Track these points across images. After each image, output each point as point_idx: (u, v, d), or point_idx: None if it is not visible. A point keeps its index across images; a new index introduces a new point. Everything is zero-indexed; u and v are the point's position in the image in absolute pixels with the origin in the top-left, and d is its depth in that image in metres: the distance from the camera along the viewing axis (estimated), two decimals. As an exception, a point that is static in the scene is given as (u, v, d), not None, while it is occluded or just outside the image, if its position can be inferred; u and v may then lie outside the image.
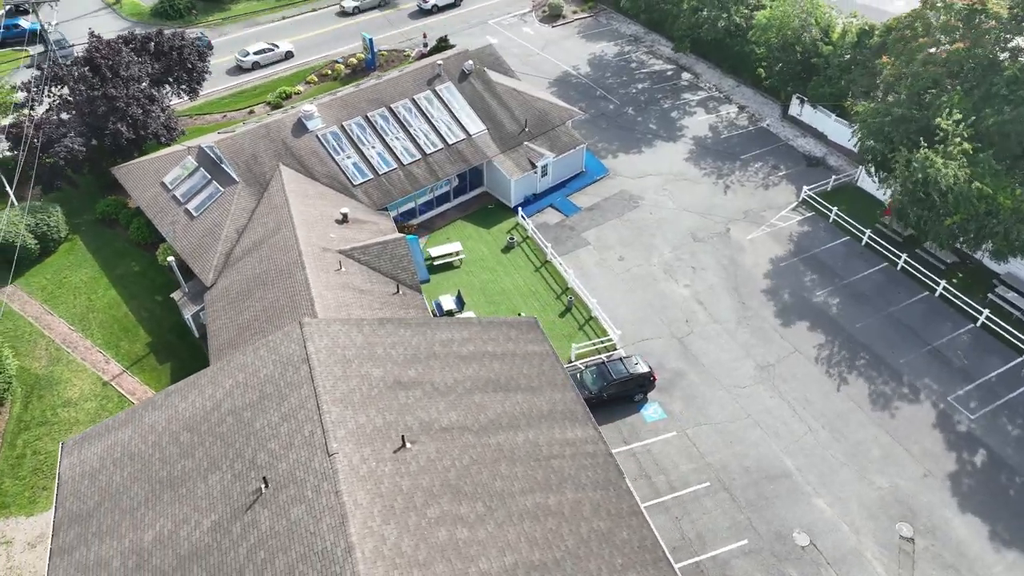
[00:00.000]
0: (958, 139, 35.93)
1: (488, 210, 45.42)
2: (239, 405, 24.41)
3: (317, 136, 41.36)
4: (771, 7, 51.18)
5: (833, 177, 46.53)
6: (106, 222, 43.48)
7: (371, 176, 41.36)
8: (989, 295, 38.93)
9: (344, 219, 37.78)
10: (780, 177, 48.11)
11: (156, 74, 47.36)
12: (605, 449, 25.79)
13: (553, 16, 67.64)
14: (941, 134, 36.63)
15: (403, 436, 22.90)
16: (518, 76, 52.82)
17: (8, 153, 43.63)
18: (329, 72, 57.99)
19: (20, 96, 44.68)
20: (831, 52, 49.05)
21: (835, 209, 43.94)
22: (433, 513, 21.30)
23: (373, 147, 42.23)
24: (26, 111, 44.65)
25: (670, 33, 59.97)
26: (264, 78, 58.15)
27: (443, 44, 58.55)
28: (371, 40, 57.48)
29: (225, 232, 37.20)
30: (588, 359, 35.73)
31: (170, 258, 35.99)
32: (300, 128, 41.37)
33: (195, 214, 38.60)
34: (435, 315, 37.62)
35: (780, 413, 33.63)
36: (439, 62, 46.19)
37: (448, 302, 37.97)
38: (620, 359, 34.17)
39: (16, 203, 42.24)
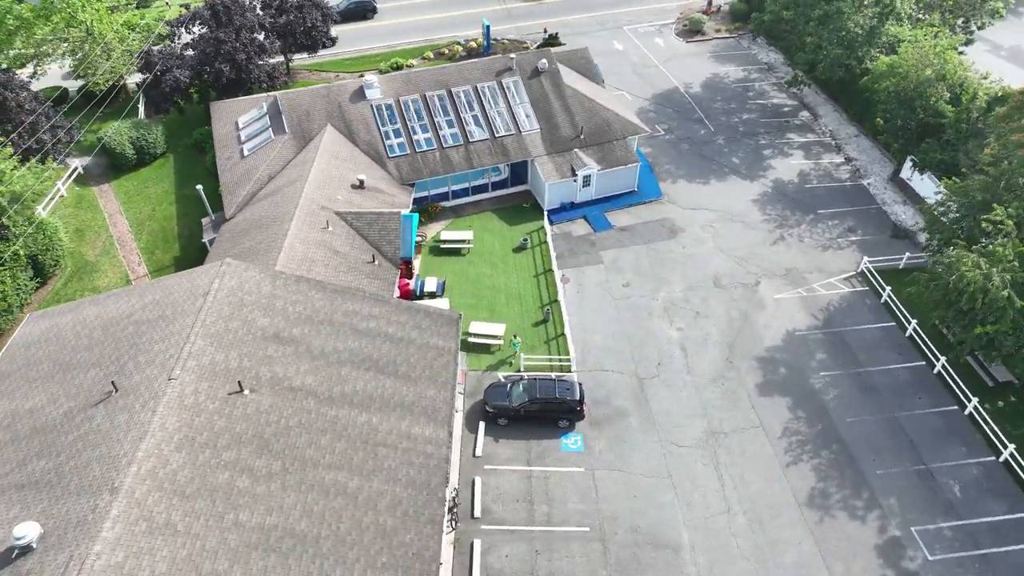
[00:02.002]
0: (1011, 236, 30.22)
1: (522, 209, 45.41)
2: (143, 318, 27.38)
3: (371, 105, 43.82)
4: (900, 52, 45.37)
5: (907, 254, 40.75)
6: (197, 148, 49.39)
7: (407, 152, 43.11)
8: (1034, 430, 32.43)
9: (360, 185, 39.91)
10: (851, 242, 42.98)
11: (278, 27, 52.57)
12: (444, 455, 25.52)
13: (692, 31, 64.87)
14: (991, 227, 30.96)
15: (240, 382, 24.46)
16: (603, 83, 51.76)
17: (140, 76, 51.01)
18: (446, 52, 60.50)
19: (166, 29, 51.90)
20: (954, 115, 42.62)
21: (889, 289, 38.60)
22: (228, 457, 22.69)
23: (420, 125, 43.89)
24: (167, 43, 51.81)
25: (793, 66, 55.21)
26: (388, 47, 62.01)
27: (552, 41, 58.65)
28: (488, 27, 59.04)
29: (258, 175, 40.94)
30: (533, 372, 34.94)
31: (198, 186, 40.38)
32: (359, 95, 44.07)
33: (245, 153, 42.82)
34: (416, 293, 38.75)
35: (705, 484, 30.79)
36: (512, 56, 46.65)
37: (431, 284, 38.91)
38: (555, 381, 33.12)
39: (128, 118, 49.35)
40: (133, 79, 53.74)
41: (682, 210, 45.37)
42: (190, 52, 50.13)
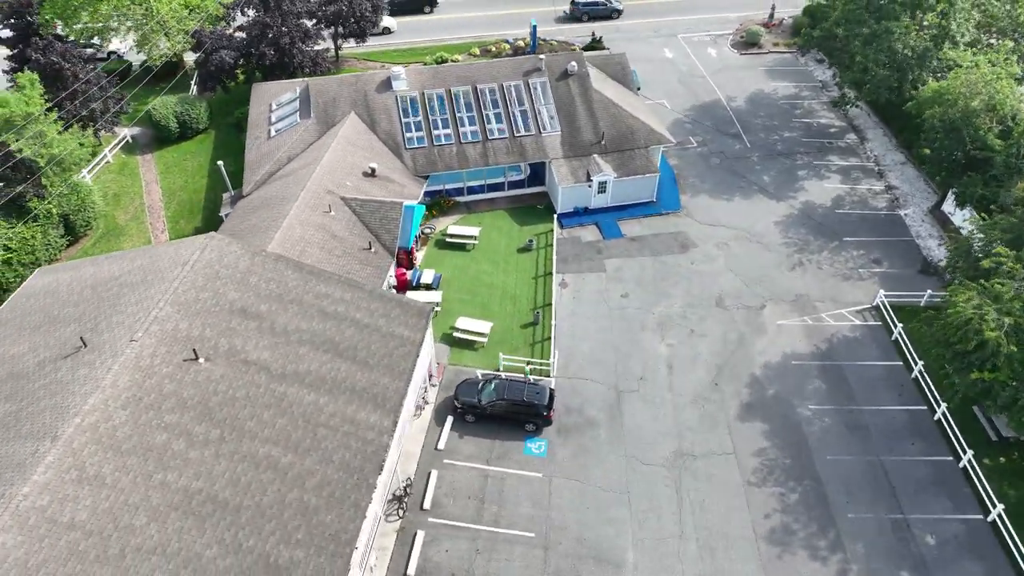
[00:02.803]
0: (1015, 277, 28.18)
1: (536, 210, 45.27)
2: (127, 281, 28.90)
3: (396, 96, 44.64)
4: (949, 77, 42.71)
5: (929, 291, 38.42)
6: (237, 127, 51.47)
7: (425, 144, 43.70)
8: (1030, 493, 30.09)
9: (372, 173, 40.78)
10: (873, 274, 40.87)
11: (327, 15, 54.20)
12: (384, 443, 25.83)
13: (748, 44, 62.95)
14: (993, 264, 28.94)
15: (195, 350, 25.51)
16: (638, 90, 50.93)
17: (192, 54, 53.64)
18: (493, 49, 60.87)
19: (221, 11, 54.35)
20: (1003, 149, 39.84)
21: (901, 326, 36.55)
22: (169, 419, 23.72)
23: (441, 119, 44.40)
24: (222, 24, 54.26)
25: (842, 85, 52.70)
26: (435, 42, 62.89)
27: (595, 45, 58.12)
28: (535, 27, 59.04)
29: (278, 156, 42.41)
30: (510, 373, 34.86)
31: (219, 162, 42.13)
32: (385, 86, 44.97)
33: (272, 134, 44.42)
34: (412, 283, 39.26)
35: (663, 505, 30.02)
36: (542, 56, 46.53)
37: (428, 276, 39.37)
38: (526, 384, 32.99)
39: (177, 94, 51.94)
40: (191, 57, 56.52)
41: (699, 225, 44.20)
42: (240, 35, 52.33)
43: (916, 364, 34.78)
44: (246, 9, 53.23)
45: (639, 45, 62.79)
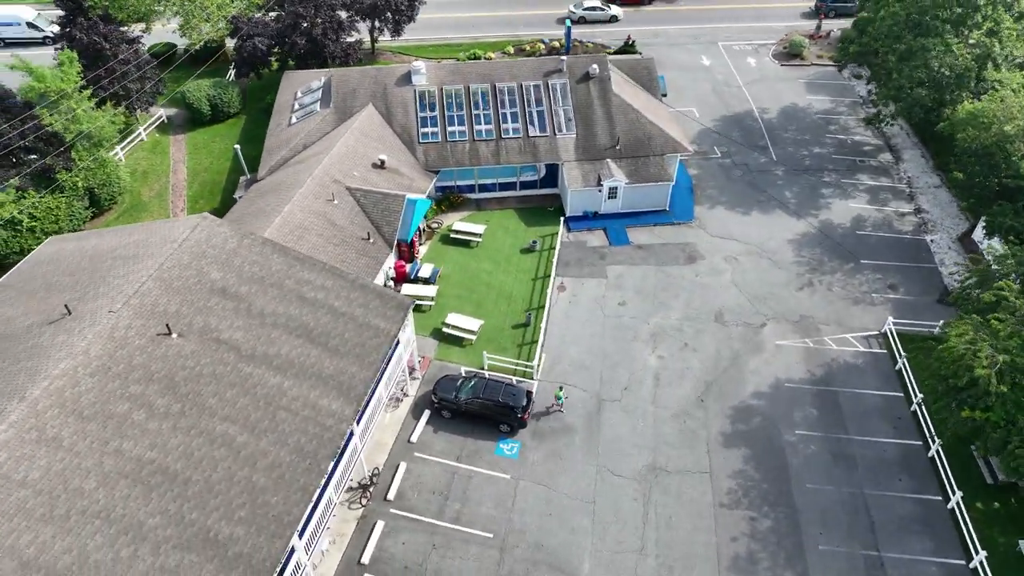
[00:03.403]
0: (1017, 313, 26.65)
1: (546, 212, 44.99)
2: (121, 255, 30.03)
3: (415, 90, 45.03)
4: (985, 99, 40.60)
5: (942, 322, 36.56)
6: (266, 112, 52.54)
7: (438, 139, 43.96)
8: (1020, 543, 28.36)
9: (381, 164, 41.30)
10: (887, 299, 39.22)
11: (363, 7, 55.07)
12: (342, 430, 26.12)
13: (790, 55, 61.16)
14: (994, 297, 27.39)
15: (169, 325, 26.31)
16: (663, 97, 50.03)
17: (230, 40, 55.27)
18: (527, 48, 60.78)
19: (262, -1, 55.94)
20: (1037, 178, 37.70)
21: (907, 356, 34.99)
22: (134, 390, 24.54)
23: (457, 115, 44.57)
24: (262, 12, 55.72)
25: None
26: (472, 39, 63.14)
27: (627, 49, 57.37)
28: (569, 28, 58.67)
29: (294, 143, 43.34)
30: (494, 373, 34.79)
31: (236, 145, 43.26)
32: (404, 80, 45.42)
33: (293, 122, 45.42)
34: (410, 276, 39.56)
35: (627, 519, 29.49)
36: (563, 58, 46.23)
37: (426, 270, 39.64)
38: (504, 385, 32.88)
39: (213, 78, 53.58)
40: (232, 43, 58.19)
41: (710, 237, 43.21)
42: (275, 23, 53.60)
43: (916, 396, 33.24)
44: (285, -2, 54.49)
45: (676, 51, 61.75)
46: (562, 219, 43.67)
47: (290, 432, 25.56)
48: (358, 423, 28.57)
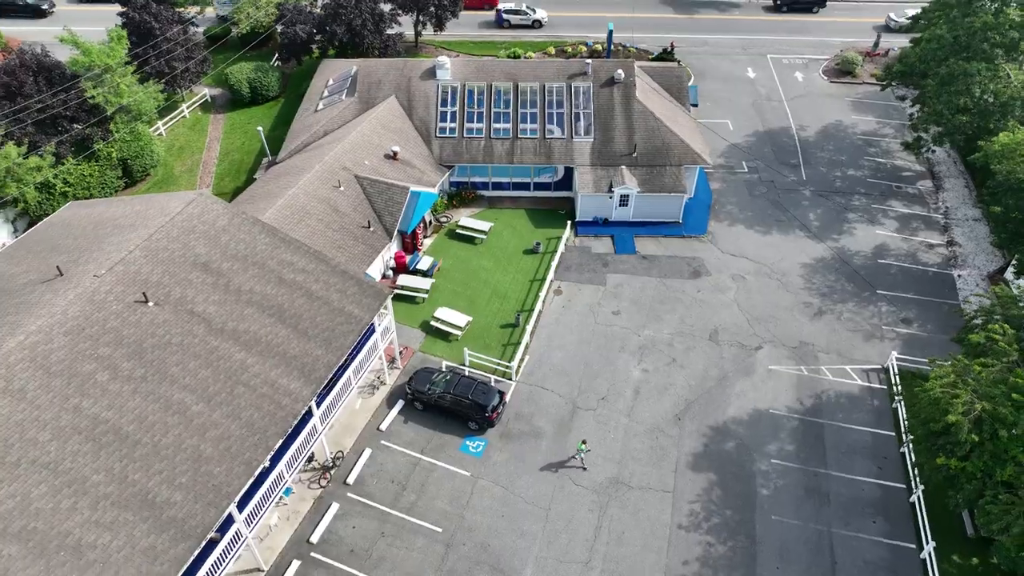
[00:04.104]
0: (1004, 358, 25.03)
1: (557, 214, 44.74)
2: (121, 223, 31.56)
3: (437, 84, 45.52)
4: (1020, 131, 38.08)
5: (928, 359, 34.54)
6: (303, 97, 54.23)
7: (455, 135, 44.32)
8: (992, 603, 26.66)
9: (393, 156, 41.97)
10: (898, 334, 37.37)
11: (406, 1, 56.02)
12: (296, 410, 26.74)
13: (841, 72, 58.80)
14: (984, 339, 25.78)
15: (146, 293, 27.51)
16: (691, 107, 48.92)
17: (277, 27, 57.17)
18: (569, 50, 60.46)
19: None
20: (1074, 218, 35.22)
21: (903, 395, 33.28)
22: (103, 352, 25.79)
23: (477, 112, 44.82)
24: (306, 1, 57.38)
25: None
26: (514, 37, 63.22)
27: (664, 56, 56.33)
28: (610, 31, 58.02)
29: (315, 129, 44.50)
30: (473, 369, 34.91)
31: (259, 127, 44.68)
32: (429, 74, 45.96)
33: (318, 108, 46.64)
34: (408, 267, 40.07)
35: (579, 529, 29.14)
36: (589, 61, 45.81)
37: (425, 263, 40.05)
38: (479, 383, 32.97)
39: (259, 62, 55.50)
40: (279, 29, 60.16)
41: (720, 253, 42.09)
42: (319, 11, 55.11)
43: (907, 437, 31.59)
44: (332, -12, 55.90)
45: (721, 61, 60.28)
46: (570, 223, 43.31)
47: (245, 407, 26.36)
48: (318, 406, 29.23)
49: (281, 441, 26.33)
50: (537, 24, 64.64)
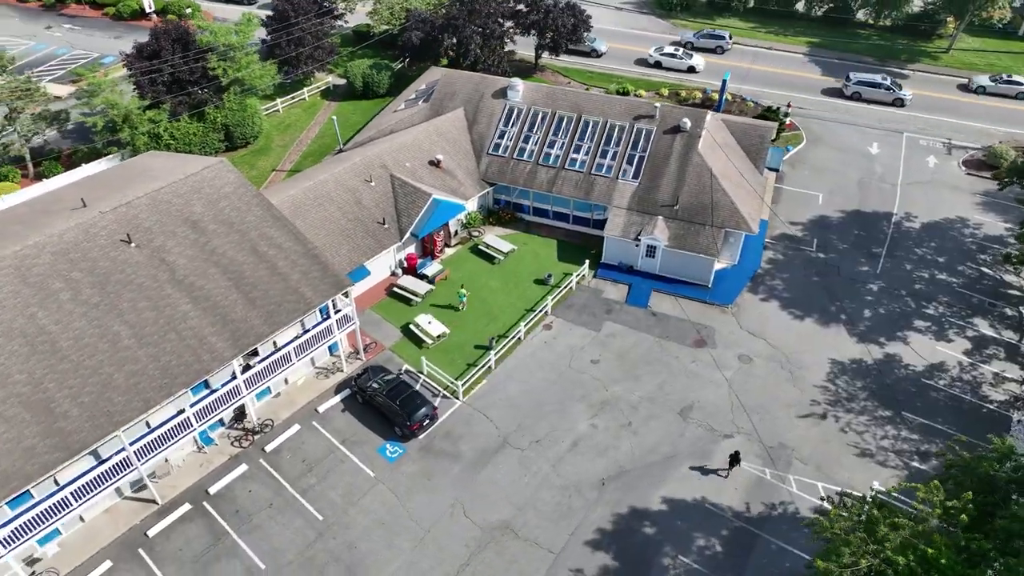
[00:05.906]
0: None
1: (585, 251, 43.46)
2: (152, 175, 35.75)
3: (506, 103, 46.33)
4: None
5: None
6: (410, 98, 57.72)
7: (506, 154, 44.83)
8: None
9: (436, 163, 43.48)
10: (907, 465, 32.16)
11: (526, 22, 57.62)
12: (210, 368, 28.75)
13: (986, 165, 51.20)
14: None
15: (129, 234, 31.12)
16: (766, 170, 45.21)
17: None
18: (683, 94, 58.44)
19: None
20: None
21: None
22: (75, 275, 29.43)
23: (534, 137, 45.00)
24: (439, 7, 60.88)
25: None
26: (625, 72, 62.20)
27: (767, 113, 52.41)
28: (724, 82, 55.18)
29: (383, 127, 47.28)
30: (431, 383, 35.26)
31: (333, 116, 48.16)
32: (500, 93, 46.91)
33: (397, 109, 49.46)
34: (417, 270, 41.25)
35: (445, 561, 28.36)
36: (657, 105, 44.16)
37: (431, 269, 41.04)
38: (416, 394, 33.34)
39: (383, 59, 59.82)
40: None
41: (737, 328, 38.67)
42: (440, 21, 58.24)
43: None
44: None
45: (846, 130, 55.05)
46: (588, 263, 42.00)
47: (167, 352, 29.01)
48: (244, 371, 31.26)
49: (187, 391, 28.68)
50: (692, 70, 63.21)
